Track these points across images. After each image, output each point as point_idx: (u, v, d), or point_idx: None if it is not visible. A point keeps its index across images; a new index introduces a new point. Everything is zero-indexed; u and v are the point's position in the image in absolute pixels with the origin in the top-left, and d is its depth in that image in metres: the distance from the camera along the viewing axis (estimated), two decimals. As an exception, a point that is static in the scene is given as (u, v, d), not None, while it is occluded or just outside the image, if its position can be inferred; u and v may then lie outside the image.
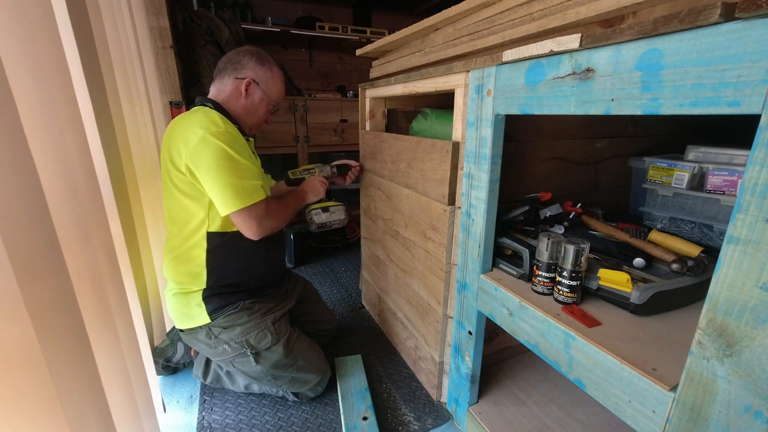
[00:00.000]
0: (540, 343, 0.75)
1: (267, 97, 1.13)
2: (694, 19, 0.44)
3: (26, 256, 0.44)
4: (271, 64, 1.14)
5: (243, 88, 1.09)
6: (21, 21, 0.52)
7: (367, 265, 1.68)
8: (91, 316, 0.62)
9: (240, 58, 1.10)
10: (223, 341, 1.07)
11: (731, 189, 0.87)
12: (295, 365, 1.13)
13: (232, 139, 0.98)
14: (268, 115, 1.20)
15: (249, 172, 0.99)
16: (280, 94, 1.18)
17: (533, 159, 1.13)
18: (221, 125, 0.97)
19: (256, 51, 1.13)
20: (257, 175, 1.03)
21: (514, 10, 0.79)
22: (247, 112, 1.13)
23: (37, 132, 0.54)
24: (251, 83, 1.10)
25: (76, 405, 0.51)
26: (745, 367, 0.44)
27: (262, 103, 1.14)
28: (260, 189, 1.02)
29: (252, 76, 1.10)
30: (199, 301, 1.06)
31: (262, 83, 1.11)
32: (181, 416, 1.16)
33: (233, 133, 1.00)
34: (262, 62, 1.12)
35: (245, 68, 1.10)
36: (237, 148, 0.98)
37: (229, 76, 1.10)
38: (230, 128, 1.01)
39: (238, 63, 1.10)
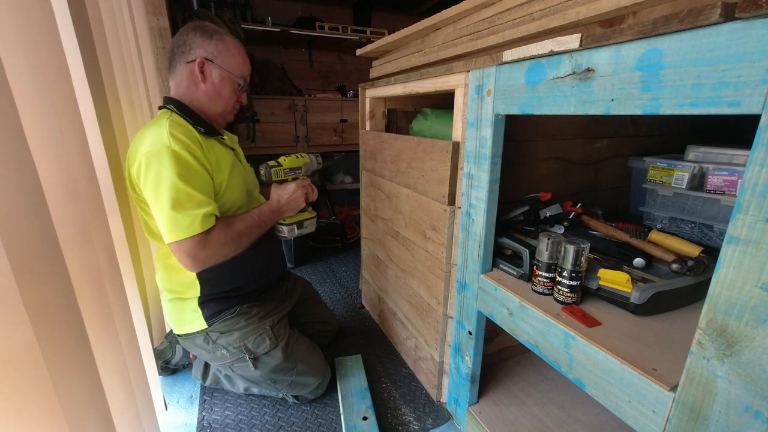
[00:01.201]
0: (540, 343, 0.75)
1: (227, 73, 0.99)
2: (694, 19, 0.44)
3: (26, 256, 0.44)
4: (221, 35, 0.99)
5: (197, 70, 0.96)
6: (21, 21, 0.52)
7: (367, 265, 1.68)
8: (91, 316, 0.62)
9: (184, 38, 0.96)
10: (221, 346, 1.06)
11: (731, 189, 0.87)
12: (294, 369, 1.12)
13: (177, 158, 0.85)
14: (238, 95, 1.05)
15: (188, 200, 0.86)
16: (242, 66, 1.03)
17: (533, 159, 1.13)
18: (167, 141, 0.86)
19: (200, 24, 0.99)
20: (200, 200, 0.88)
21: (514, 10, 0.79)
22: (211, 98, 1.00)
23: (37, 132, 0.54)
24: (204, 62, 0.96)
25: (75, 405, 0.51)
26: (745, 367, 0.44)
27: (224, 81, 1.00)
28: (199, 218, 0.87)
29: (203, 55, 0.96)
30: (195, 307, 1.04)
31: (216, 59, 0.97)
32: (181, 416, 1.16)
33: (181, 150, 0.86)
34: (210, 35, 0.97)
35: (192, 48, 0.96)
36: (184, 167, 0.86)
37: (179, 63, 0.97)
38: (185, 140, 0.88)
39: (183, 45, 0.96)
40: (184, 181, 0.85)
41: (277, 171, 1.07)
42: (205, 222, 0.88)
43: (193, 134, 0.93)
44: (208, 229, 0.89)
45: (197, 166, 0.89)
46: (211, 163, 0.94)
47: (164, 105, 0.99)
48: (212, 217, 0.90)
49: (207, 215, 0.88)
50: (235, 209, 1.04)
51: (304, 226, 1.12)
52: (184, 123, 0.94)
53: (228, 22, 2.07)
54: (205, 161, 0.92)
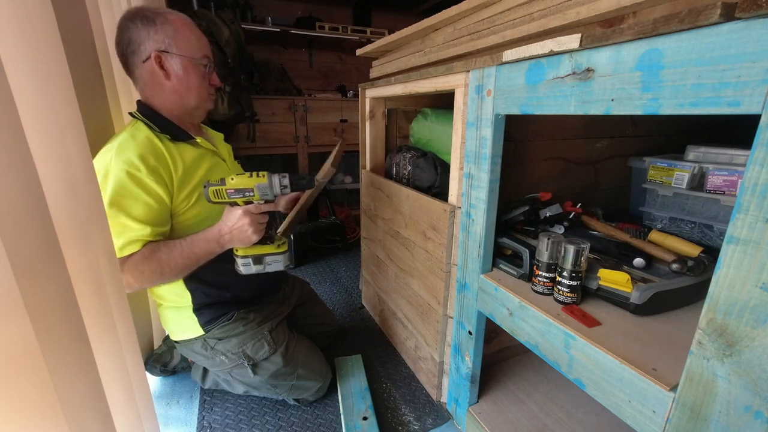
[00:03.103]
0: (540, 343, 0.75)
1: (187, 59, 0.89)
2: (694, 19, 0.44)
3: (26, 256, 0.44)
4: (164, 17, 0.87)
5: (156, 67, 0.87)
6: (21, 21, 0.52)
7: (367, 265, 1.68)
8: (91, 316, 0.62)
9: (129, 35, 0.86)
10: (219, 352, 1.05)
11: (731, 189, 0.87)
12: (294, 374, 1.11)
13: (115, 182, 0.81)
14: (207, 77, 0.95)
15: (115, 226, 0.81)
16: (200, 44, 0.91)
17: (533, 159, 1.13)
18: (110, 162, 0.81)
19: (136, 12, 0.87)
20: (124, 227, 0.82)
21: (514, 10, 0.79)
22: (181, 94, 0.92)
23: (37, 132, 0.54)
24: (160, 56, 0.86)
25: (75, 405, 0.51)
26: (745, 367, 0.44)
27: (188, 70, 0.90)
28: (126, 247, 0.83)
29: (155, 48, 0.86)
30: (191, 314, 1.02)
31: (170, 47, 0.87)
32: (181, 416, 1.16)
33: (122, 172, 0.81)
34: (153, 22, 0.86)
35: (142, 43, 0.86)
36: (118, 192, 0.81)
37: (135, 65, 0.88)
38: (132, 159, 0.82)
39: (131, 43, 0.86)
40: (115, 208, 0.81)
41: (217, 191, 0.84)
42: (126, 248, 0.82)
43: (153, 147, 0.86)
44: (128, 255, 0.83)
45: (139, 188, 0.82)
46: (171, 179, 0.87)
47: (133, 112, 0.93)
48: (137, 242, 0.83)
49: (130, 242, 0.82)
50: (202, 227, 0.93)
51: (264, 262, 0.91)
52: (146, 135, 0.87)
53: (228, 22, 2.07)
54: (160, 177, 0.85)
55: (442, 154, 1.34)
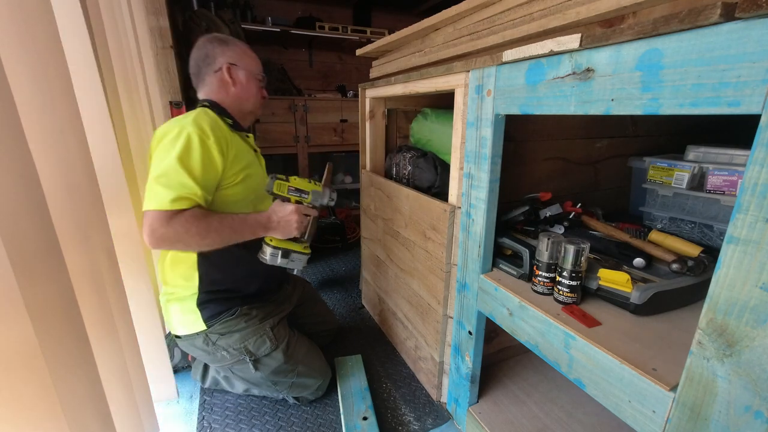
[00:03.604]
0: (540, 343, 0.75)
1: (249, 72, 1.10)
2: (694, 19, 0.44)
3: (26, 255, 0.44)
4: (234, 41, 1.11)
5: (226, 76, 1.06)
6: (21, 21, 0.52)
7: (367, 265, 1.68)
8: (91, 316, 0.62)
9: (205, 51, 1.07)
10: (221, 348, 1.06)
11: (731, 189, 0.87)
12: (295, 371, 1.12)
13: (187, 141, 0.89)
14: (261, 90, 1.16)
15: (173, 178, 0.87)
16: (258, 64, 1.15)
17: (533, 159, 1.13)
18: (187, 125, 0.90)
19: (213, 36, 1.09)
20: (184, 183, 0.88)
21: (514, 10, 0.79)
22: (240, 98, 1.10)
23: (37, 132, 0.54)
24: (230, 67, 1.06)
25: (76, 404, 0.51)
26: (745, 367, 0.44)
27: (250, 80, 1.11)
28: (172, 196, 0.86)
29: (227, 61, 1.06)
30: (194, 308, 1.03)
31: (239, 62, 1.08)
32: (181, 416, 1.16)
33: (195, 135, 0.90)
34: (227, 43, 1.08)
35: (216, 58, 1.06)
36: (188, 151, 0.89)
37: (207, 74, 1.07)
38: (205, 128, 0.93)
39: (207, 57, 1.07)
40: (180, 163, 0.88)
41: (280, 185, 1.00)
42: (176, 202, 0.86)
43: (219, 126, 0.99)
44: (179, 210, 0.87)
45: (204, 152, 0.91)
46: (228, 154, 0.98)
47: (201, 104, 1.05)
48: (188, 200, 0.88)
49: (182, 198, 0.87)
50: (237, 206, 1.02)
51: (290, 257, 1.00)
52: (214, 116, 1.00)
53: (228, 22, 2.07)
54: (222, 149, 0.95)
55: (442, 154, 1.34)
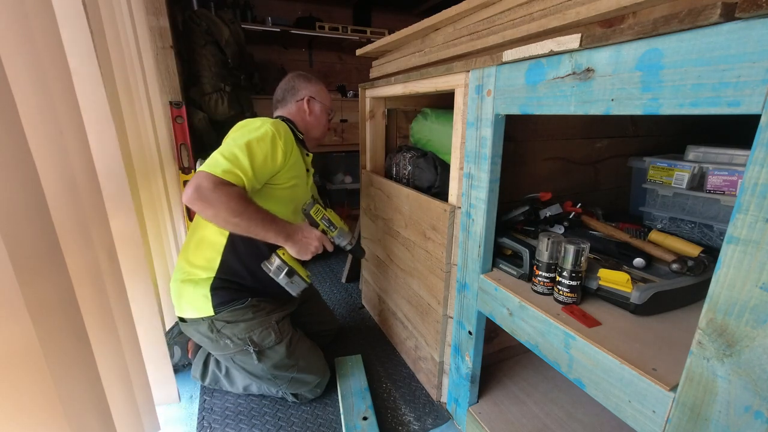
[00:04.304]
0: (540, 343, 0.75)
1: (324, 106, 1.28)
2: (694, 19, 0.44)
3: (26, 255, 0.44)
4: (316, 80, 1.30)
5: (306, 105, 1.24)
6: (21, 21, 0.52)
7: (367, 265, 1.68)
8: (91, 316, 0.62)
9: (293, 84, 1.26)
10: (225, 336, 1.07)
11: (731, 189, 0.87)
12: (296, 366, 1.13)
13: (264, 134, 1.01)
14: (328, 123, 1.33)
15: (237, 157, 0.96)
16: (330, 100, 1.33)
17: (533, 159, 1.13)
18: (269, 123, 1.04)
19: (301, 73, 1.29)
20: (243, 164, 0.96)
21: (514, 10, 0.79)
22: (314, 126, 1.27)
23: (37, 132, 0.54)
24: (310, 99, 1.24)
25: (76, 404, 0.51)
26: (745, 367, 0.44)
27: (323, 112, 1.28)
28: (225, 167, 0.94)
29: (309, 94, 1.24)
30: (206, 292, 1.06)
31: (317, 96, 1.26)
32: (181, 416, 1.16)
33: (271, 132, 1.03)
34: (309, 80, 1.28)
35: (300, 90, 1.25)
36: (261, 143, 1.00)
37: (290, 102, 1.25)
38: (281, 131, 1.06)
39: (293, 89, 1.26)
40: (248, 147, 0.98)
41: (318, 210, 1.10)
42: (227, 174, 0.94)
43: (290, 135, 1.10)
44: (227, 181, 0.94)
45: (272, 148, 1.02)
46: (290, 158, 1.08)
47: (278, 117, 1.21)
48: (236, 176, 0.96)
49: (233, 172, 0.95)
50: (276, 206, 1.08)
51: (292, 278, 1.04)
52: (287, 128, 1.12)
53: (228, 22, 2.07)
54: (286, 152, 1.05)
55: (442, 154, 1.34)
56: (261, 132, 1.02)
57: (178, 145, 1.59)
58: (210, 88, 1.88)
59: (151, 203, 1.30)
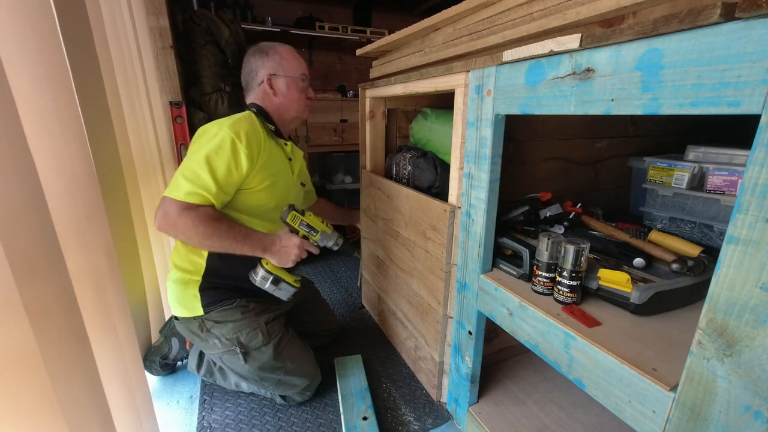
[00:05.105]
0: (540, 343, 0.75)
1: (289, 78, 1.14)
2: (694, 19, 0.44)
3: (26, 256, 0.44)
4: (273, 48, 1.14)
5: (268, 87, 1.12)
6: (21, 21, 0.52)
7: (367, 265, 1.68)
8: (91, 316, 0.62)
9: (250, 65, 1.13)
10: (214, 335, 1.07)
11: (731, 189, 0.87)
12: (283, 368, 1.11)
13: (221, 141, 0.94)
14: (304, 91, 1.19)
15: (198, 174, 0.92)
16: (298, 66, 1.16)
17: (533, 159, 1.13)
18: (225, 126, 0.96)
19: (255, 49, 1.14)
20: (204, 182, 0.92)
21: (514, 10, 0.79)
22: (283, 105, 1.15)
23: (37, 132, 0.54)
24: (271, 78, 1.12)
25: (75, 405, 0.51)
26: (745, 367, 0.44)
27: (290, 86, 1.14)
28: (186, 189, 0.91)
29: (268, 72, 1.11)
30: (196, 292, 1.06)
31: (278, 71, 1.12)
32: (181, 416, 1.16)
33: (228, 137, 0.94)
34: (267, 52, 1.13)
35: (258, 71, 1.12)
36: (219, 151, 0.94)
37: (253, 87, 1.14)
38: (240, 132, 0.97)
39: (251, 72, 1.13)
40: (207, 161, 0.93)
41: (295, 216, 1.02)
42: (190, 196, 0.92)
43: (256, 132, 1.03)
44: (192, 204, 0.92)
45: (233, 155, 0.96)
46: (258, 159, 1.02)
47: (248, 107, 1.12)
48: (200, 197, 0.93)
49: (196, 193, 0.92)
50: (256, 210, 1.07)
51: (279, 286, 1.03)
52: (255, 121, 1.05)
53: (228, 22, 2.07)
54: (251, 155, 0.99)
55: (442, 154, 1.34)
56: (218, 141, 0.94)
57: (178, 145, 1.59)
58: (210, 88, 1.88)
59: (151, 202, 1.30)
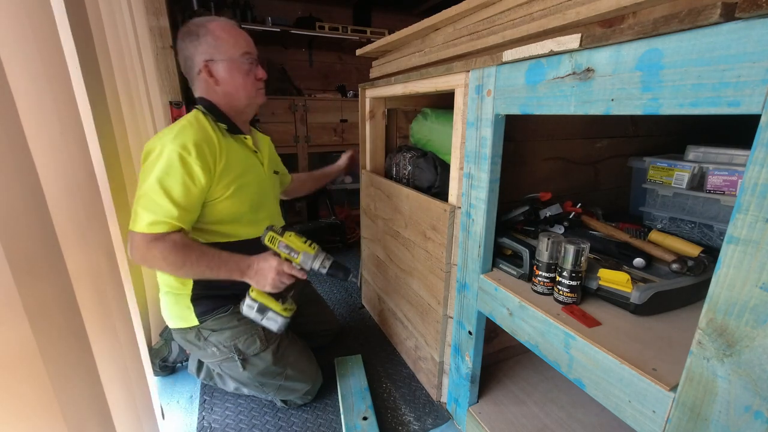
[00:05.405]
0: (540, 343, 0.75)
1: (230, 61, 0.97)
2: (694, 19, 0.44)
3: (25, 256, 0.44)
4: (204, 27, 0.95)
5: (207, 76, 0.97)
6: (21, 21, 0.52)
7: (367, 265, 1.68)
8: (91, 316, 0.62)
9: (184, 54, 0.98)
10: (212, 344, 1.06)
11: (731, 189, 0.87)
12: (283, 374, 1.10)
13: (169, 160, 0.86)
14: (250, 73, 1.01)
15: (155, 201, 0.86)
16: (237, 43, 0.97)
17: (533, 159, 1.13)
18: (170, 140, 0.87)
19: (184, 31, 0.97)
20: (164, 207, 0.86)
21: (514, 10, 0.79)
22: (230, 95, 1.00)
23: (37, 132, 0.54)
24: (208, 64, 0.96)
25: (75, 406, 0.51)
26: (745, 367, 0.44)
27: (232, 70, 0.97)
28: (156, 224, 0.86)
29: (203, 58, 0.95)
30: (188, 303, 1.04)
31: (214, 54, 0.96)
32: (181, 416, 1.16)
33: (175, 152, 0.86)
34: (198, 36, 0.95)
35: (193, 59, 0.96)
36: (170, 170, 0.86)
37: (195, 80, 1.00)
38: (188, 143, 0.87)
39: (186, 60, 0.98)
40: (160, 184, 0.86)
41: (273, 237, 0.93)
42: (154, 226, 0.86)
43: (207, 135, 0.93)
44: (158, 234, 0.86)
45: (185, 171, 0.87)
46: (216, 167, 0.93)
47: (195, 105, 1.01)
48: (165, 224, 0.87)
49: (159, 222, 0.86)
50: (237, 215, 1.01)
51: (266, 314, 0.95)
52: (204, 123, 0.95)
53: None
54: (206, 164, 0.90)
55: (442, 154, 1.34)
56: (165, 160, 0.86)
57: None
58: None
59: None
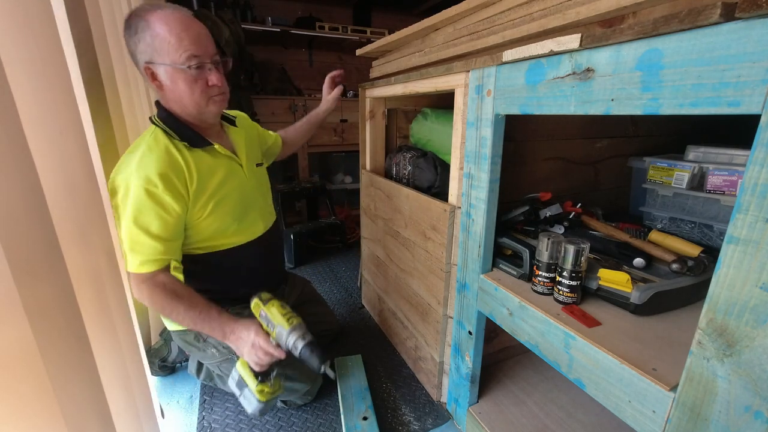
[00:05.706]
0: (540, 343, 0.75)
1: (171, 65, 0.80)
2: (694, 19, 0.44)
3: (25, 256, 0.44)
4: (144, 20, 0.78)
5: (151, 80, 0.83)
6: (21, 21, 0.52)
7: (367, 265, 1.68)
8: (91, 316, 0.62)
9: (129, 50, 0.84)
10: (211, 345, 1.06)
11: (731, 189, 0.87)
12: (282, 374, 1.08)
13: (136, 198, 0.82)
14: (198, 80, 0.84)
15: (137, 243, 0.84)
16: (181, 43, 0.79)
17: (533, 159, 1.13)
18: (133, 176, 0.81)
19: (126, 22, 0.82)
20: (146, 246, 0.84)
21: (514, 10, 0.79)
22: (179, 102, 0.87)
23: (37, 132, 0.54)
24: (148, 67, 0.81)
25: (75, 406, 0.51)
26: (745, 367, 0.44)
27: (174, 77, 0.82)
28: (144, 264, 0.85)
29: (143, 60, 0.81)
30: None
31: (154, 56, 0.80)
32: (181, 416, 1.16)
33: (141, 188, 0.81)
34: (135, 29, 0.79)
35: (135, 55, 0.82)
36: (140, 208, 0.82)
37: (142, 75, 0.86)
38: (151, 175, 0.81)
39: (132, 57, 0.83)
40: (135, 224, 0.83)
41: (257, 305, 0.90)
42: (143, 266, 0.86)
43: (171, 157, 0.86)
44: (149, 274, 0.86)
45: (156, 204, 0.83)
46: (188, 190, 0.89)
47: (152, 118, 0.91)
48: (154, 262, 0.87)
49: (147, 261, 0.86)
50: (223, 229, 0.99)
51: (243, 391, 0.91)
52: (163, 143, 0.86)
53: (228, 22, 2.07)
54: (177, 190, 0.85)
55: (442, 154, 1.34)
56: (133, 199, 0.81)
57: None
58: (210, 88, 1.88)
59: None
